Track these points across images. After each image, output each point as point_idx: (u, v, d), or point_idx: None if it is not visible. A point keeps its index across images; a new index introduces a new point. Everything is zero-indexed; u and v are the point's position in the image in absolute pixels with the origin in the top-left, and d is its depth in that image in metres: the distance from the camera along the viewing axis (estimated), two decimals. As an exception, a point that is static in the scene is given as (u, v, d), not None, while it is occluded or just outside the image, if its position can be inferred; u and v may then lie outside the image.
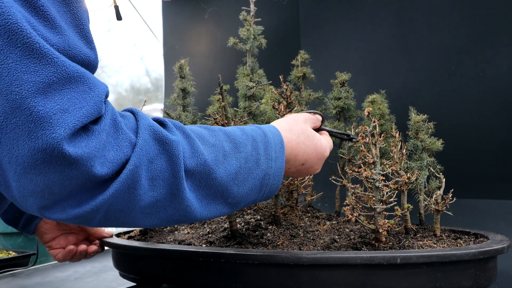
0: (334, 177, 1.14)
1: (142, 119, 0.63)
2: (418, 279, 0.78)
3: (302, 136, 0.82)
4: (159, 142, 0.62)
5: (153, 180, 0.61)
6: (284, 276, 0.81)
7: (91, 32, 0.61)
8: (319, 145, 0.84)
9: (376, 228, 0.90)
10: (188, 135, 0.67)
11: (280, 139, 0.78)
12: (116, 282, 1.30)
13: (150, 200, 0.62)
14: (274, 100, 1.15)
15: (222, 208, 0.71)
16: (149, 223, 0.66)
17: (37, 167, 0.52)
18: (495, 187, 1.53)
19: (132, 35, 2.98)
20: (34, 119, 0.51)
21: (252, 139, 0.74)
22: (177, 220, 0.68)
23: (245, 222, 1.13)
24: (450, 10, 1.64)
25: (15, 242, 1.96)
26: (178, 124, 0.68)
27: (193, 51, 2.42)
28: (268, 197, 0.77)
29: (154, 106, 2.89)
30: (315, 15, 2.03)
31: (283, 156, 0.77)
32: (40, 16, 0.54)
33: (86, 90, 0.55)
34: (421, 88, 1.69)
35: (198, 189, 0.67)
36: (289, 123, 0.84)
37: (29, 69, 0.52)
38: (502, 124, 1.51)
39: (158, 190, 0.62)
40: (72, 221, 0.59)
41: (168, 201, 0.64)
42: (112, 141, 0.58)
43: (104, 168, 0.56)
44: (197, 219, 0.69)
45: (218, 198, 0.70)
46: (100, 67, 3.08)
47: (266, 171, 0.74)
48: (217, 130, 0.73)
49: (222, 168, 0.69)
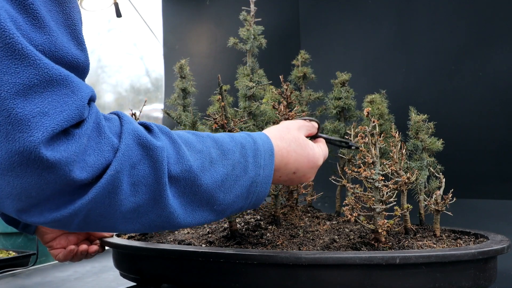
0: (334, 177, 1.14)
1: (126, 123, 0.61)
2: (417, 279, 0.78)
3: (293, 144, 0.81)
4: (142, 147, 0.61)
5: (135, 185, 0.60)
6: (283, 276, 0.81)
7: (82, 34, 0.60)
8: (311, 154, 0.83)
9: (376, 228, 0.90)
10: (174, 140, 0.66)
11: (270, 147, 0.77)
12: (116, 282, 1.30)
13: (132, 205, 0.61)
14: (274, 100, 1.15)
15: (207, 215, 0.70)
16: (131, 228, 0.65)
17: (14, 169, 0.52)
18: (495, 187, 1.53)
19: (132, 35, 2.98)
20: (12, 121, 0.50)
21: (241, 146, 0.74)
22: (160, 226, 0.67)
23: (245, 222, 1.13)
24: (450, 10, 1.64)
25: (15, 242, 1.96)
26: (165, 129, 0.67)
27: (193, 51, 2.42)
28: (256, 204, 0.77)
29: (154, 106, 2.90)
30: (315, 15, 2.03)
31: (272, 164, 0.76)
32: (28, 15, 0.53)
33: (68, 93, 0.54)
34: (421, 88, 1.69)
35: (182, 196, 0.66)
36: (281, 131, 0.83)
37: (10, 70, 0.51)
38: (502, 124, 1.51)
39: (140, 196, 0.61)
40: (50, 225, 0.58)
41: (150, 207, 0.63)
42: (94, 145, 0.57)
43: (83, 172, 0.55)
44: (180, 225, 0.68)
45: (203, 205, 0.69)
46: (100, 67, 3.08)
47: (253, 179, 0.73)
48: (205, 136, 0.72)
49: (208, 175, 0.68)
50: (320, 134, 0.93)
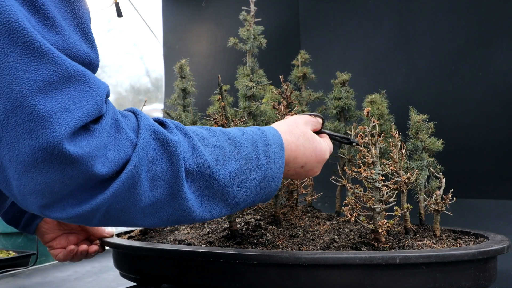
0: (334, 177, 1.14)
1: (143, 119, 0.63)
2: (417, 279, 0.78)
3: (302, 138, 0.82)
4: (160, 142, 0.62)
5: (153, 180, 0.61)
6: (283, 276, 0.81)
7: (92, 32, 0.61)
8: (319, 148, 0.84)
9: (376, 228, 0.90)
10: (188, 135, 0.67)
11: (280, 141, 0.78)
12: (116, 282, 1.30)
13: (150, 200, 0.62)
14: (274, 100, 1.15)
15: (222, 209, 0.71)
16: (149, 223, 0.66)
17: (38, 165, 0.53)
18: (495, 187, 1.53)
19: (132, 35, 2.98)
20: (35, 118, 0.51)
21: (252, 141, 0.74)
22: (177, 221, 0.68)
23: (245, 222, 1.13)
24: (450, 10, 1.64)
25: (15, 242, 1.96)
26: (179, 125, 0.68)
27: (193, 51, 2.42)
28: (267, 198, 0.77)
29: (154, 106, 2.90)
30: (315, 15, 2.03)
31: (282, 158, 0.77)
32: (40, 16, 0.54)
33: (86, 89, 0.55)
34: (421, 88, 1.69)
35: (198, 190, 0.67)
36: (289, 126, 0.84)
37: (30, 68, 0.52)
38: (502, 124, 1.51)
39: (158, 190, 0.62)
40: (72, 220, 0.59)
41: (168, 201, 0.64)
42: (113, 140, 0.58)
43: (104, 167, 0.56)
44: (196, 219, 0.69)
45: (218, 199, 0.70)
46: (100, 67, 3.07)
47: (265, 172, 0.74)
48: (218, 131, 0.73)
49: (222, 169, 0.69)
50: (323, 130, 0.93)
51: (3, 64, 0.51)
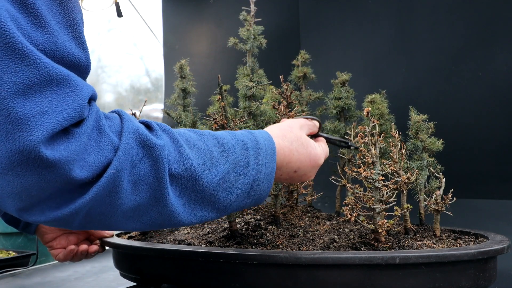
0: (334, 177, 1.14)
1: (127, 121, 0.62)
2: (417, 279, 0.78)
3: (295, 143, 0.81)
4: (143, 146, 0.61)
5: (135, 184, 0.60)
6: (283, 276, 0.81)
7: (84, 33, 0.60)
8: (313, 153, 0.83)
9: (376, 228, 0.90)
10: (175, 139, 0.66)
11: (272, 145, 0.77)
12: (116, 282, 1.30)
13: (133, 204, 0.61)
14: (274, 100, 1.15)
15: (208, 214, 0.70)
16: (132, 226, 0.65)
17: (14, 169, 0.52)
18: (495, 187, 1.53)
19: (132, 35, 2.98)
20: (12, 120, 0.51)
21: (243, 144, 0.74)
22: (161, 225, 0.67)
23: (245, 222, 1.13)
24: (450, 10, 1.64)
25: (15, 242, 1.96)
26: (166, 128, 0.67)
27: (193, 51, 2.42)
28: (257, 203, 0.77)
29: (154, 106, 2.90)
30: (315, 15, 2.03)
31: (274, 162, 0.76)
32: (29, 14, 0.53)
33: (68, 92, 0.54)
34: (421, 88, 1.69)
35: (183, 194, 0.66)
36: (282, 130, 0.83)
37: (10, 69, 0.51)
38: (502, 124, 1.51)
39: (141, 194, 0.61)
40: (51, 224, 0.58)
41: (151, 206, 0.63)
42: (94, 144, 0.57)
43: (83, 171, 0.55)
44: (182, 224, 0.68)
45: (204, 203, 0.69)
46: (100, 67, 3.08)
47: (255, 177, 0.73)
48: (206, 134, 0.72)
49: (209, 173, 0.68)
50: (320, 133, 0.93)
51: None
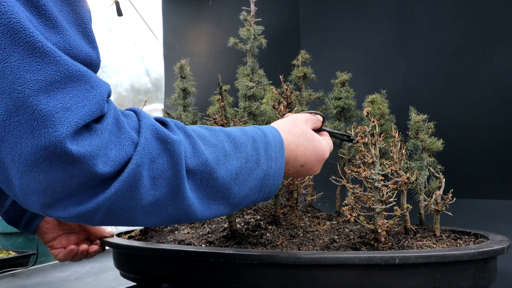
0: (334, 177, 1.14)
1: (144, 118, 0.63)
2: (417, 279, 0.78)
3: (302, 138, 0.83)
4: (161, 142, 0.62)
5: (154, 179, 0.61)
6: (283, 276, 0.81)
7: (93, 32, 0.61)
8: (318, 147, 0.85)
9: (375, 228, 0.90)
10: (189, 135, 0.67)
11: (280, 140, 0.78)
12: (116, 282, 1.30)
13: (151, 199, 0.62)
14: (275, 100, 1.15)
15: (223, 208, 0.72)
16: (150, 222, 0.66)
17: (40, 165, 0.53)
18: (495, 187, 1.53)
19: (132, 35, 2.98)
20: (37, 117, 0.52)
21: (253, 140, 0.75)
22: (178, 220, 0.68)
23: (245, 222, 1.13)
24: (450, 10, 1.64)
25: (15, 242, 1.96)
26: (180, 124, 0.68)
27: (193, 51, 2.42)
28: (268, 197, 0.78)
29: (154, 106, 2.90)
30: (315, 15, 2.03)
31: (283, 157, 0.77)
32: (41, 16, 0.54)
33: (88, 88, 0.56)
34: (421, 88, 1.69)
35: (199, 189, 0.67)
36: (289, 125, 0.84)
37: (32, 68, 0.52)
38: (502, 124, 1.51)
39: (160, 189, 0.62)
40: (74, 219, 0.59)
41: (169, 200, 0.64)
42: (115, 139, 0.58)
43: (106, 166, 0.56)
44: (197, 218, 0.69)
45: (219, 198, 0.70)
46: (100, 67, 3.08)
47: (266, 171, 0.74)
48: (218, 130, 0.74)
49: (223, 168, 0.69)
50: (323, 127, 0.94)
51: (5, 64, 0.51)
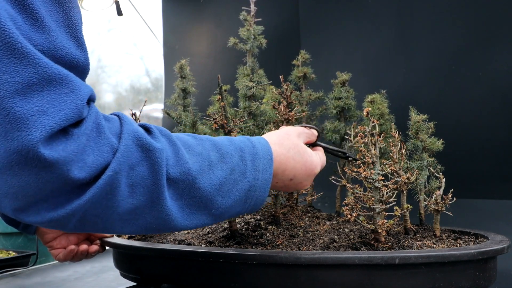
0: (334, 177, 1.14)
1: (126, 124, 0.61)
2: (417, 279, 0.78)
3: (292, 151, 0.81)
4: (142, 149, 0.61)
5: (133, 187, 0.60)
6: (283, 276, 0.81)
7: (83, 34, 0.60)
8: (309, 162, 0.83)
9: (375, 228, 0.90)
10: (173, 143, 0.66)
11: (269, 152, 0.77)
12: (116, 282, 1.30)
13: (129, 207, 0.61)
14: (275, 100, 1.15)
15: (205, 219, 0.70)
16: (128, 230, 0.64)
17: (12, 168, 0.52)
18: (495, 187, 1.53)
19: (132, 35, 2.98)
20: (11, 120, 0.50)
21: (240, 150, 0.73)
22: (157, 229, 0.67)
23: (245, 222, 1.13)
24: (450, 10, 1.64)
25: (15, 242, 1.96)
26: (165, 131, 0.67)
27: (193, 51, 2.42)
28: (253, 209, 0.76)
29: (154, 106, 2.90)
30: (315, 15, 2.03)
31: (270, 169, 0.76)
32: (27, 15, 0.53)
33: (67, 92, 0.54)
34: (421, 88, 1.69)
35: (180, 198, 0.66)
36: (280, 137, 0.82)
37: (9, 69, 0.51)
38: (502, 124, 1.51)
39: (138, 198, 0.61)
40: (47, 225, 0.58)
41: (147, 209, 0.63)
42: (93, 145, 0.57)
43: (82, 172, 0.55)
44: (178, 228, 0.68)
45: (201, 208, 0.69)
46: (100, 67, 3.08)
47: (252, 183, 0.73)
48: (205, 139, 0.72)
49: (206, 178, 0.68)
50: (318, 142, 0.92)
51: None
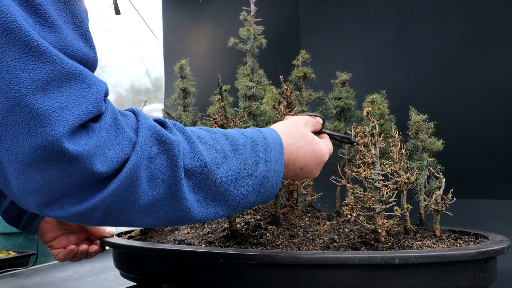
0: (334, 177, 1.14)
1: (142, 118, 0.63)
2: (417, 279, 0.78)
3: (301, 140, 0.83)
4: (159, 142, 0.62)
5: (152, 179, 0.61)
6: (283, 276, 0.81)
7: (90, 31, 0.61)
8: (318, 150, 0.85)
9: (375, 228, 0.90)
10: (188, 135, 0.67)
11: (280, 142, 0.78)
12: (116, 282, 1.30)
13: (149, 199, 0.62)
14: (275, 100, 1.15)
15: (221, 210, 0.71)
16: (148, 222, 0.66)
17: (37, 164, 0.53)
18: (495, 187, 1.53)
19: (132, 35, 2.98)
20: (34, 117, 0.51)
21: (252, 142, 0.75)
22: (176, 221, 0.68)
23: (245, 222, 1.13)
24: (450, 10, 1.64)
25: (15, 242, 1.96)
26: (179, 125, 0.68)
27: (193, 51, 2.42)
28: (267, 200, 0.78)
29: (154, 106, 2.90)
30: (315, 15, 2.03)
31: (282, 159, 0.77)
32: (37, 15, 0.54)
33: (85, 87, 0.55)
34: (421, 88, 1.69)
35: (197, 190, 0.67)
36: (288, 127, 0.84)
37: (28, 67, 0.52)
38: (502, 124, 1.51)
39: (158, 190, 0.62)
40: (72, 219, 0.59)
41: (167, 201, 0.64)
42: (113, 139, 0.58)
43: (104, 166, 0.56)
44: (196, 220, 0.69)
45: (217, 199, 0.70)
46: (100, 67, 3.09)
47: (265, 174, 0.74)
48: (217, 132, 0.74)
49: (221, 170, 0.69)
50: (324, 130, 0.94)
51: (1, 63, 0.51)
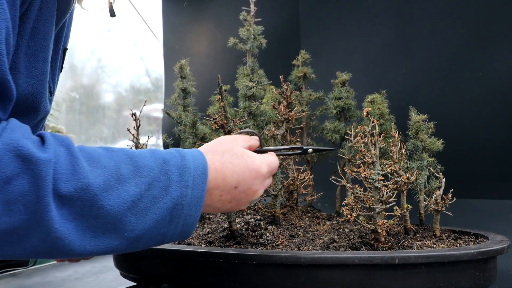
0: (334, 177, 1.14)
1: (7, 131, 0.55)
2: (417, 279, 0.78)
3: (227, 154, 0.73)
4: (21, 160, 0.54)
5: (9, 203, 0.53)
6: (283, 276, 0.81)
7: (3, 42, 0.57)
8: (250, 162, 0.74)
9: (375, 228, 0.90)
10: (72, 153, 0.58)
11: (203, 163, 0.69)
12: (116, 282, 1.30)
13: (7, 226, 0.54)
14: (275, 100, 1.15)
15: (116, 243, 0.62)
16: (11, 253, 0.58)
17: None
18: (495, 187, 1.53)
19: (132, 35, 2.98)
20: None
21: (163, 162, 0.66)
22: (48, 253, 0.59)
23: (245, 222, 1.13)
24: (450, 10, 1.64)
25: (16, 242, 1.96)
26: (65, 141, 0.60)
27: (193, 51, 2.42)
28: (184, 231, 0.68)
29: (154, 106, 2.90)
30: (315, 15, 2.03)
31: (204, 184, 0.68)
32: None
33: None
34: (421, 88, 1.69)
35: (78, 219, 0.58)
36: (212, 144, 0.77)
37: None
38: (502, 124, 1.51)
39: (17, 216, 0.54)
40: None
41: (31, 230, 0.55)
42: None
43: None
44: (77, 253, 0.59)
45: (109, 230, 0.60)
46: (100, 67, 3.08)
47: (178, 200, 0.65)
48: (118, 151, 0.65)
49: (113, 195, 0.60)
50: (266, 148, 0.87)
51: None
